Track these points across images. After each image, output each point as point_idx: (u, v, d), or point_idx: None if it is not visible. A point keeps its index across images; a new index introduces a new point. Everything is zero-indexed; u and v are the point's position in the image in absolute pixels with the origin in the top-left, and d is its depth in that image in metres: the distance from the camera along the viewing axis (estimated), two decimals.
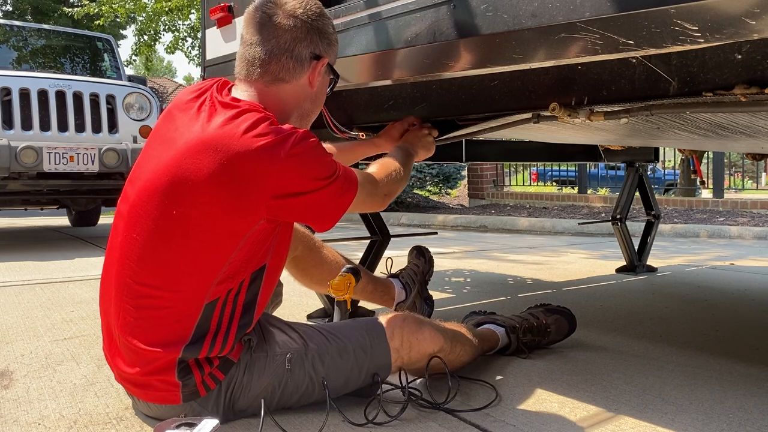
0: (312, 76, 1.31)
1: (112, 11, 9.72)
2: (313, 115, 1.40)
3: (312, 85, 1.32)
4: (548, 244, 5.11)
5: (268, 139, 1.16)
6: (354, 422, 1.28)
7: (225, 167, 1.15)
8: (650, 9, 0.93)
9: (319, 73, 1.33)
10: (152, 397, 1.27)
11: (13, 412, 1.38)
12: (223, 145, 1.16)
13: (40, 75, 4.81)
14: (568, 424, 1.32)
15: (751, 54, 1.22)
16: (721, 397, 1.48)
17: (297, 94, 1.32)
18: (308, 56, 1.29)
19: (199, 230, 1.19)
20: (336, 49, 1.38)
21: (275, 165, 1.16)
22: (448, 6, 1.23)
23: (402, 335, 1.42)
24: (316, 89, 1.34)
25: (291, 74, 1.29)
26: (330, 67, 1.37)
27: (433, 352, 1.45)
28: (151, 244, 1.21)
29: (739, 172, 11.77)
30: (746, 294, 2.88)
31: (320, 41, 1.30)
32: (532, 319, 1.84)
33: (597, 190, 9.64)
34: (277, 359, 1.31)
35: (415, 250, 2.37)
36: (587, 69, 1.52)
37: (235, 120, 1.18)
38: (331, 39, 1.35)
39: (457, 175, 9.43)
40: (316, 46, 1.30)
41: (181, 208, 1.18)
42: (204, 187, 1.16)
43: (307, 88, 1.32)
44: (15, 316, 2.33)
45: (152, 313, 1.22)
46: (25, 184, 4.53)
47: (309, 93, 1.33)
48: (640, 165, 3.38)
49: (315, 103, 1.38)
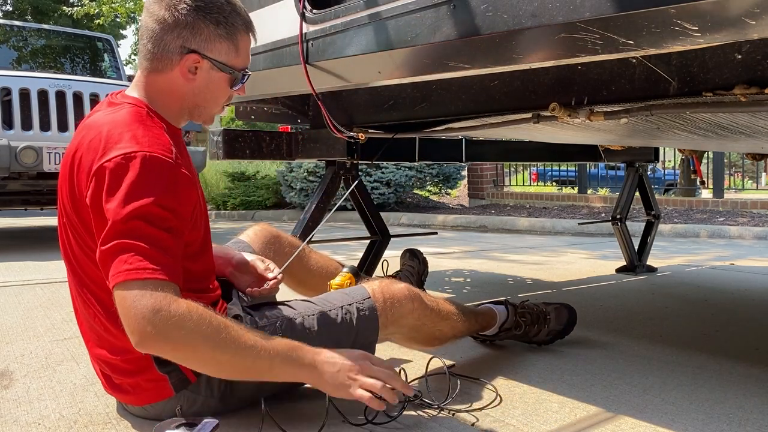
0: (182, 69, 1.28)
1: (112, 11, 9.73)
2: (204, 110, 1.35)
3: (186, 78, 1.28)
4: (548, 244, 5.11)
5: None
6: (354, 422, 1.28)
7: None
8: (650, 9, 0.93)
9: (199, 68, 1.28)
10: (145, 398, 1.28)
11: (13, 412, 1.38)
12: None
13: (40, 75, 4.81)
14: (568, 424, 1.32)
15: (751, 54, 1.22)
16: (721, 397, 1.48)
17: (173, 87, 1.30)
18: (177, 49, 1.27)
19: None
20: (224, 44, 1.29)
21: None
22: (448, 6, 1.23)
23: (380, 286, 1.48)
24: (198, 83, 1.30)
25: (163, 65, 1.28)
26: (218, 63, 1.29)
27: (407, 295, 1.48)
28: (81, 249, 1.25)
29: (739, 172, 11.77)
30: (746, 294, 2.88)
31: (192, 36, 1.26)
32: (532, 305, 1.86)
33: (597, 190, 9.63)
34: (267, 329, 1.32)
35: (408, 253, 2.38)
36: (587, 69, 1.52)
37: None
38: (210, 34, 1.27)
39: (457, 175, 9.42)
40: (185, 39, 1.26)
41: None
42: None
43: (180, 80, 1.29)
44: (15, 316, 2.33)
45: (102, 317, 1.25)
46: (25, 184, 4.53)
47: (187, 86, 1.30)
48: (640, 165, 3.38)
49: (201, 98, 1.32)
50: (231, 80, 1.34)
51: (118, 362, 1.26)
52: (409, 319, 1.48)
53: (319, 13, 1.63)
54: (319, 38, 1.63)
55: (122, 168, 1.12)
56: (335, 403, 1.29)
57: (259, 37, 1.89)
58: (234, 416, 1.33)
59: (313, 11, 1.65)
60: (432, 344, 1.61)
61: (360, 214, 2.54)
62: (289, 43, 1.74)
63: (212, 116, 1.39)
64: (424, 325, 1.52)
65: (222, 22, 1.28)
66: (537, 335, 1.84)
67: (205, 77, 1.30)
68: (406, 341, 1.60)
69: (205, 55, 1.28)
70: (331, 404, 1.28)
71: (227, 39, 1.29)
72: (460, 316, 1.63)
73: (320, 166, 7.80)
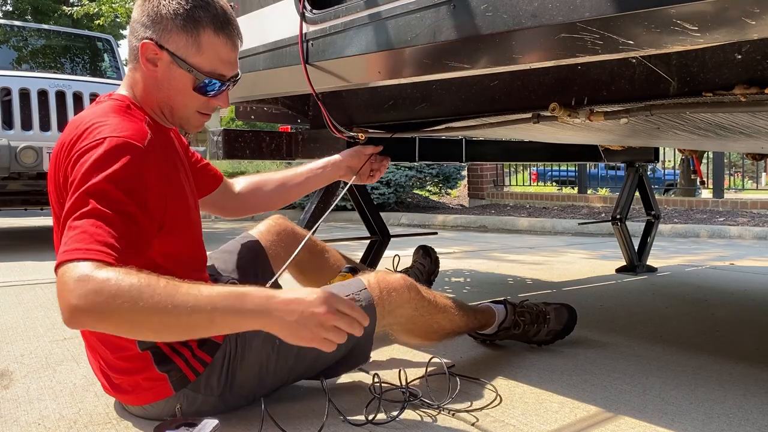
0: (143, 59, 1.25)
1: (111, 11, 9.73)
2: (176, 111, 1.30)
3: (147, 68, 1.26)
4: (548, 244, 5.11)
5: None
6: (354, 422, 1.28)
7: None
8: (650, 9, 0.93)
9: (160, 59, 1.24)
10: (145, 398, 1.28)
11: (13, 412, 1.38)
12: None
13: (40, 75, 4.81)
14: (568, 424, 1.32)
15: (751, 54, 1.22)
16: (721, 397, 1.48)
17: (144, 79, 1.28)
18: (138, 38, 1.25)
19: None
20: (181, 36, 1.23)
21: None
22: (448, 6, 1.23)
23: (376, 277, 1.47)
24: (160, 77, 1.26)
25: (134, 56, 1.27)
26: (176, 57, 1.24)
27: (402, 285, 1.47)
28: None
29: (739, 172, 11.76)
30: (746, 294, 2.88)
31: (152, 23, 1.23)
32: (531, 305, 1.86)
33: (597, 190, 9.63)
34: None
35: (422, 250, 2.36)
36: (587, 69, 1.52)
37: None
38: (168, 24, 1.22)
39: (457, 175, 9.42)
40: (147, 27, 1.24)
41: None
42: None
43: (145, 71, 1.26)
44: (15, 316, 2.33)
45: None
46: (25, 184, 4.52)
47: (152, 78, 1.27)
48: (640, 165, 3.38)
49: (166, 94, 1.28)
50: (194, 82, 1.26)
51: (117, 361, 1.26)
52: (407, 309, 1.48)
53: (319, 13, 1.63)
54: (319, 38, 1.63)
55: (90, 152, 1.12)
56: (335, 403, 1.29)
57: (259, 37, 1.89)
58: (234, 416, 1.33)
59: (313, 11, 1.65)
60: (431, 338, 1.61)
61: (360, 214, 2.54)
62: (289, 43, 1.74)
63: (184, 120, 1.33)
64: (421, 317, 1.51)
65: (181, 13, 1.22)
66: (537, 335, 1.84)
67: (166, 71, 1.25)
68: (404, 333, 1.58)
69: (162, 45, 1.23)
70: (331, 404, 1.28)
71: (184, 31, 1.22)
72: (458, 310, 1.63)
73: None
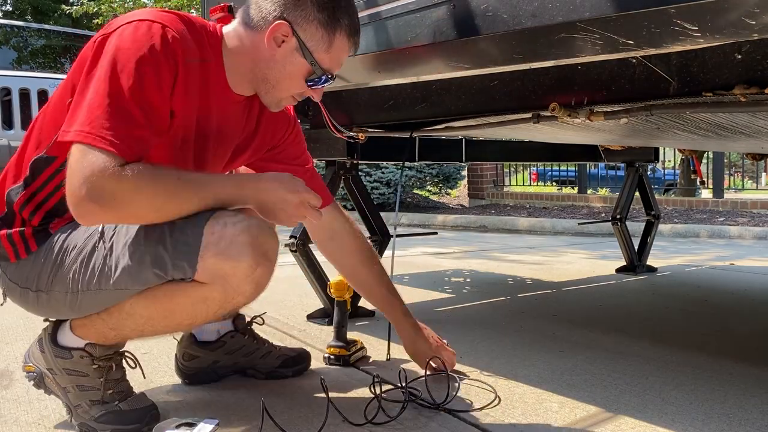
0: (270, 35, 1.22)
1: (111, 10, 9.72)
2: (271, 88, 1.29)
3: (269, 45, 1.22)
4: (548, 244, 5.11)
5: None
6: (354, 422, 1.28)
7: None
8: (650, 9, 0.93)
9: (286, 42, 1.22)
10: None
11: (13, 412, 1.38)
12: None
13: (40, 75, 4.82)
14: (568, 424, 1.32)
15: (751, 54, 1.22)
16: (721, 397, 1.48)
17: (255, 47, 1.25)
18: (273, 12, 1.22)
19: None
20: (319, 31, 1.23)
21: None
22: (448, 6, 1.23)
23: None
24: (277, 57, 1.24)
25: (256, 23, 1.23)
26: (304, 47, 1.23)
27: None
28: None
29: (739, 172, 11.77)
30: (746, 294, 2.88)
31: (294, 7, 1.21)
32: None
33: (597, 190, 9.64)
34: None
35: None
36: (587, 69, 1.52)
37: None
38: (310, 14, 1.21)
39: (457, 175, 9.42)
40: (286, 7, 1.21)
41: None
42: None
43: (263, 44, 1.23)
44: (15, 316, 2.33)
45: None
46: None
47: (266, 53, 1.24)
48: (640, 165, 3.38)
49: (272, 73, 1.26)
50: (308, 73, 1.26)
51: None
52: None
53: None
54: None
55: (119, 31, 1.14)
56: (335, 403, 1.29)
57: None
58: (234, 415, 1.33)
59: None
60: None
61: (360, 214, 2.54)
62: None
63: (276, 100, 1.32)
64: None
65: (327, 8, 1.22)
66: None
67: (287, 55, 1.24)
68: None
69: (296, 32, 1.22)
70: (331, 404, 1.28)
71: (324, 27, 1.22)
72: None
73: (320, 166, 7.80)
